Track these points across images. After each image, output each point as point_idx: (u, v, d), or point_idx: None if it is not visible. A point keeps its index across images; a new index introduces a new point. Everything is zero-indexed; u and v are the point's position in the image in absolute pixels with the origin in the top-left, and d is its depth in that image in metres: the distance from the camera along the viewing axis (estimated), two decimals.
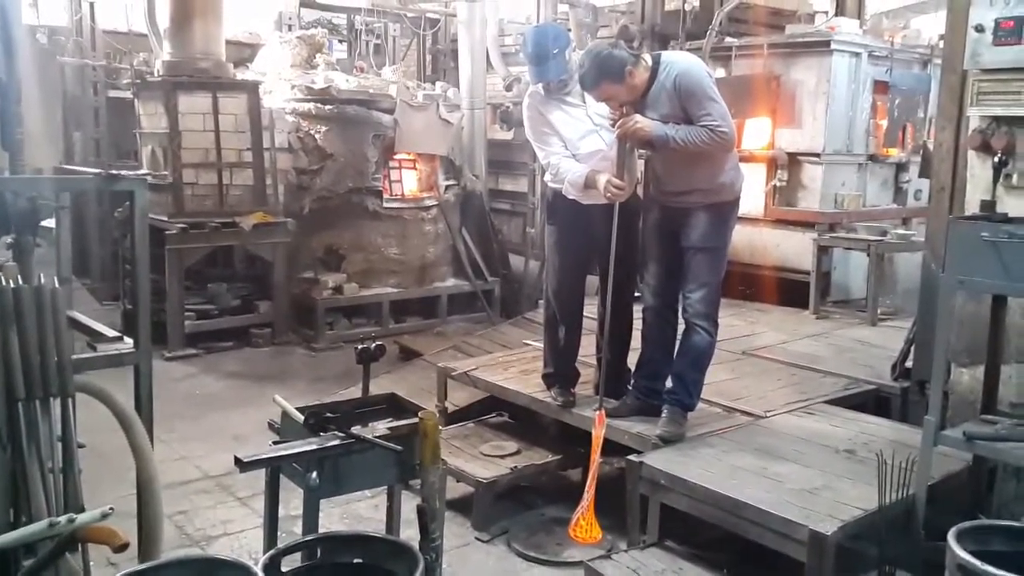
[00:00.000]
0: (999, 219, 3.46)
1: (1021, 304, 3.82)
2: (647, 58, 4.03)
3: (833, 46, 7.18)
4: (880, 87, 7.58)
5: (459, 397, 5.47)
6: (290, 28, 11.49)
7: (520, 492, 4.69)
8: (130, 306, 6.57)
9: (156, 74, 8.29)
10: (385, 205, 8.60)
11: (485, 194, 9.62)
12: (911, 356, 4.87)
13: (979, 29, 3.82)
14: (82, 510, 2.70)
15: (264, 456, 2.97)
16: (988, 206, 3.79)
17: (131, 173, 3.90)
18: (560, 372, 4.66)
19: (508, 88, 10.26)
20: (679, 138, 3.88)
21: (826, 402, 4.74)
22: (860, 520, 3.36)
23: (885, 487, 3.36)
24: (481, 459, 4.64)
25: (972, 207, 3.99)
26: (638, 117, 3.92)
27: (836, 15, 8.26)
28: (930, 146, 5.98)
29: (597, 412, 3.99)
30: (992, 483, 3.79)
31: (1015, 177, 3.89)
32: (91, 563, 2.88)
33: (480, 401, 5.37)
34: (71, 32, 10.18)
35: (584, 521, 3.84)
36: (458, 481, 4.51)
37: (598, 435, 3.92)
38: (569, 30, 9.09)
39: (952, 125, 4.44)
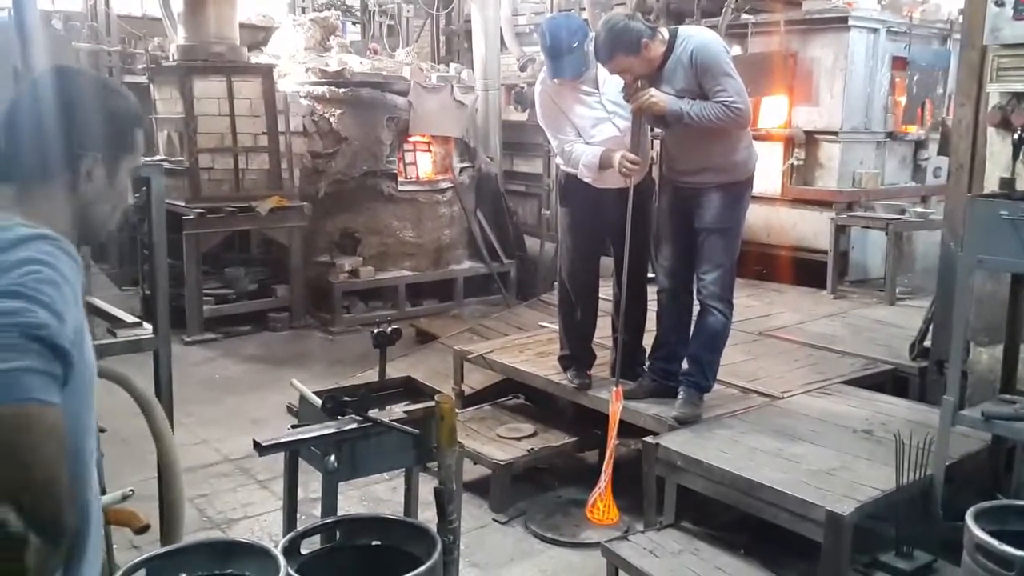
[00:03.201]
0: (1018, 197, 3.41)
1: None
2: (664, 32, 3.97)
3: (851, 22, 7.10)
4: (899, 63, 7.49)
5: (475, 380, 5.49)
6: (303, 10, 11.51)
7: (537, 474, 4.72)
8: (149, 292, 6.62)
9: (171, 59, 8.32)
10: (400, 188, 8.61)
11: (500, 176, 9.60)
12: (929, 336, 4.84)
13: (999, 3, 3.76)
14: (103, 493, 2.74)
15: (282, 440, 2.99)
16: (1007, 184, 3.74)
17: (147, 159, 3.92)
18: (576, 354, 4.66)
19: (522, 68, 10.21)
20: (694, 113, 3.84)
21: (843, 382, 4.71)
22: (877, 500, 3.35)
23: (903, 467, 3.35)
24: (498, 441, 4.66)
25: (991, 185, 3.94)
26: (653, 91, 3.87)
27: None
28: (949, 123, 5.92)
29: (614, 389, 4.00)
30: (1011, 463, 3.77)
31: None
32: (114, 546, 2.92)
33: (496, 384, 5.40)
34: (86, 18, 10.22)
35: (601, 503, 3.87)
36: (475, 463, 4.53)
37: (615, 411, 3.93)
38: (583, 9, 9.05)
39: (971, 102, 4.38)
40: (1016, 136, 3.87)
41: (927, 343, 4.86)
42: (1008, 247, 3.22)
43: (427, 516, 3.11)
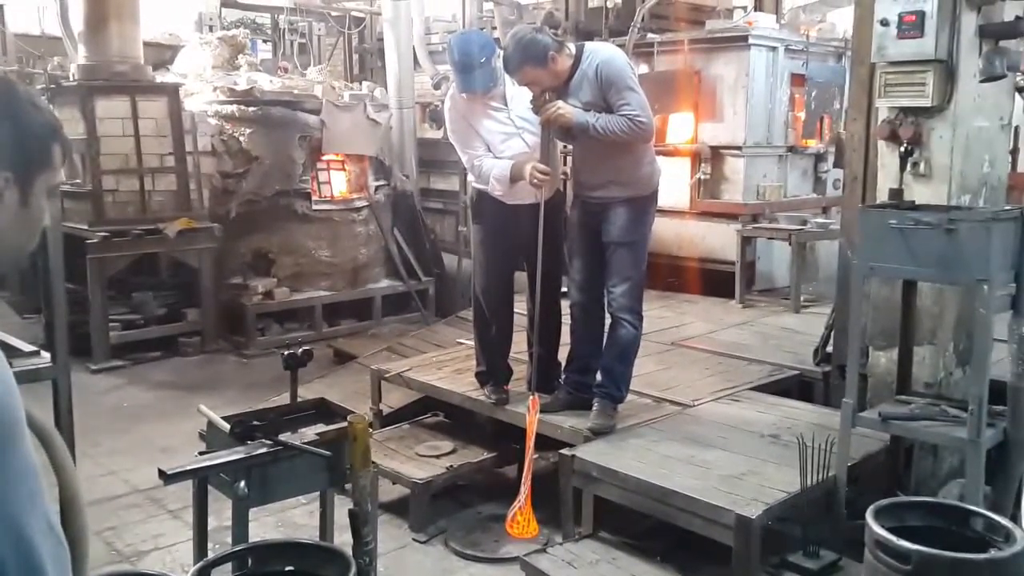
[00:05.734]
0: (906, 207, 3.60)
1: (930, 289, 3.98)
2: (571, 46, 4.09)
3: (751, 41, 7.35)
4: (797, 80, 7.79)
5: (394, 398, 5.45)
6: (211, 29, 11.30)
7: (457, 491, 4.70)
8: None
9: (71, 78, 8.05)
10: (314, 207, 8.49)
11: (416, 194, 9.59)
12: (832, 341, 5.02)
13: (884, 23, 3.95)
14: None
15: (189, 468, 2.93)
16: (896, 194, 3.93)
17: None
18: (492, 369, 4.68)
19: (436, 86, 10.24)
20: (599, 126, 3.93)
21: (752, 389, 4.85)
22: (784, 503, 3.47)
23: (807, 469, 3.47)
24: (417, 460, 4.64)
25: (883, 195, 4.13)
26: (560, 103, 3.97)
27: (754, 10, 8.45)
28: (844, 137, 6.17)
29: (531, 397, 4.03)
30: (909, 461, 3.94)
31: (921, 166, 4.04)
32: None
33: (415, 402, 5.36)
34: None
35: (521, 517, 3.89)
36: (394, 483, 4.50)
37: (532, 421, 3.97)
38: (495, 28, 9.15)
39: (863, 116, 4.59)
40: (903, 149, 4.06)
41: (830, 348, 5.04)
42: (898, 255, 3.39)
43: (345, 539, 3.07)
